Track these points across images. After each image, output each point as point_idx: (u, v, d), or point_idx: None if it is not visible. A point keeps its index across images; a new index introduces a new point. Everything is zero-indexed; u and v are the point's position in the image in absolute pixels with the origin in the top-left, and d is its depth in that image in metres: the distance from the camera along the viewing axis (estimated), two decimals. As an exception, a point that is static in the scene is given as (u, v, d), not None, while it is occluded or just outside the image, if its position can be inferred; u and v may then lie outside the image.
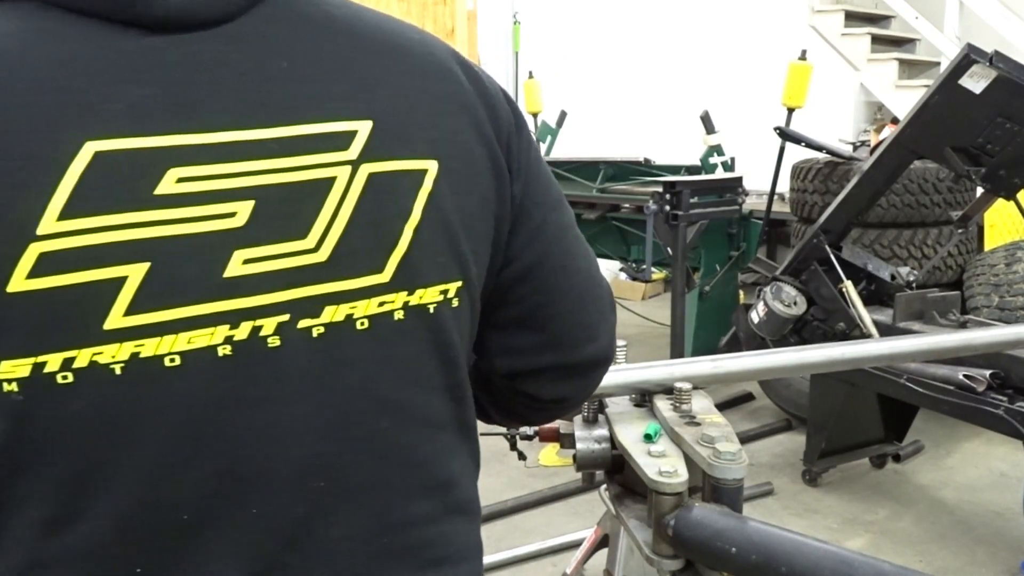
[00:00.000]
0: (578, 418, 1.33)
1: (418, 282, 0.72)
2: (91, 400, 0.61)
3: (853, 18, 6.41)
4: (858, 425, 3.62)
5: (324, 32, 0.72)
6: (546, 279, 0.85)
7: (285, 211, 0.66)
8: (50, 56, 0.62)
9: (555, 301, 0.85)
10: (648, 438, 1.21)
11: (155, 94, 0.63)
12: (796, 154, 4.52)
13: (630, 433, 1.24)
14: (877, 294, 3.51)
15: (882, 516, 3.39)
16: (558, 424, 1.36)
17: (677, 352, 4.06)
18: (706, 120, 5.21)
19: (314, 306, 0.67)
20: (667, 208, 4.03)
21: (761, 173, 4.94)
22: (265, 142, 0.66)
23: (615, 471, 1.29)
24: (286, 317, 0.66)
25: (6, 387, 0.59)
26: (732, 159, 5.36)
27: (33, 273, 0.59)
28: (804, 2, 6.39)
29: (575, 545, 2.87)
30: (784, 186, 4.71)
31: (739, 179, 4.50)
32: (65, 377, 0.60)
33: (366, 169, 0.69)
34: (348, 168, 0.69)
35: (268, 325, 0.66)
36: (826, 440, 3.54)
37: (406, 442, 0.73)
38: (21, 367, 0.59)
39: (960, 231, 3.54)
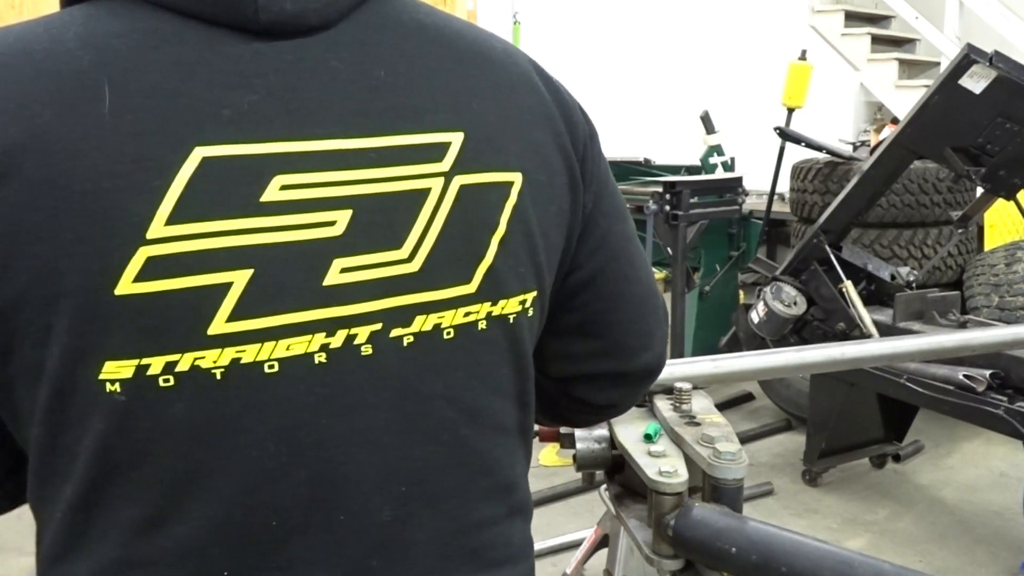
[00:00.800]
0: (578, 418, 1.33)
1: (501, 293, 0.73)
2: (191, 404, 0.62)
3: (853, 18, 6.41)
4: (858, 425, 3.62)
5: (417, 41, 0.72)
6: (609, 287, 0.85)
7: (381, 221, 0.66)
8: (161, 59, 0.62)
9: (616, 309, 0.86)
10: (648, 438, 1.21)
11: (263, 100, 0.63)
12: (796, 154, 4.52)
13: (630, 433, 1.24)
14: (877, 294, 3.51)
15: (882, 516, 3.39)
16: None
17: (677, 352, 4.06)
18: (706, 120, 5.22)
19: (405, 315, 0.68)
20: (667, 208, 4.03)
21: (761, 173, 4.94)
22: (365, 151, 0.66)
23: (615, 471, 1.29)
24: (379, 326, 0.67)
25: (108, 387, 0.60)
26: (732, 159, 5.36)
27: (140, 277, 0.59)
28: (804, 2, 6.40)
29: (575, 545, 2.87)
30: (784, 186, 4.71)
31: (739, 179, 4.50)
32: (167, 380, 0.61)
33: (458, 181, 0.70)
34: (441, 180, 0.69)
35: (362, 333, 0.66)
36: (826, 440, 3.54)
37: (481, 448, 0.75)
38: (124, 368, 0.60)
39: (960, 231, 3.55)
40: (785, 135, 4.43)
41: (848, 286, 3.33)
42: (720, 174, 5.12)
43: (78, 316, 0.59)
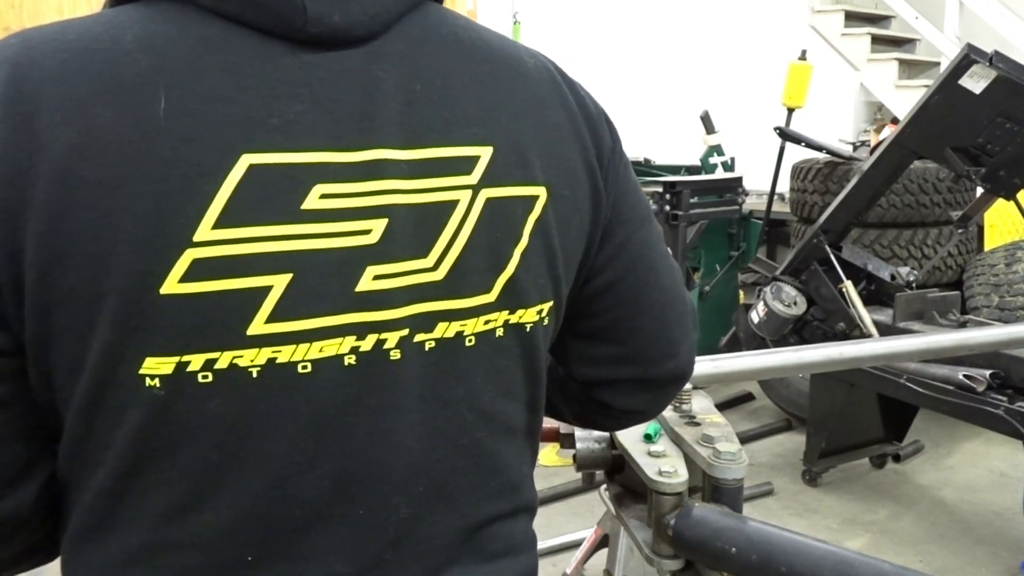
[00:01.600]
0: (578, 418, 1.33)
1: (520, 303, 0.75)
2: (227, 400, 0.64)
3: (853, 18, 6.41)
4: (858, 425, 3.62)
5: (454, 54, 0.73)
6: (628, 294, 0.86)
7: (412, 231, 0.68)
8: (215, 66, 0.63)
9: (637, 315, 0.87)
10: (648, 438, 1.21)
11: (309, 110, 0.65)
12: (796, 154, 4.52)
13: (630, 433, 1.24)
14: (877, 294, 3.51)
15: (882, 516, 3.39)
16: (558, 424, 1.36)
17: (677, 352, 4.05)
18: (706, 120, 5.22)
19: (429, 322, 0.70)
20: (667, 208, 4.04)
21: (761, 173, 4.94)
22: (401, 163, 0.68)
23: (615, 471, 1.29)
24: (406, 331, 0.69)
25: (148, 382, 0.62)
26: (732, 159, 5.36)
27: (185, 277, 0.61)
28: (804, 2, 6.39)
29: (575, 545, 2.87)
30: (784, 186, 4.71)
31: (739, 179, 4.50)
32: (205, 377, 0.63)
33: (485, 194, 0.71)
34: (469, 192, 0.71)
35: (391, 338, 0.68)
36: (826, 440, 3.54)
37: (493, 449, 0.77)
38: (165, 365, 0.62)
39: (960, 231, 3.54)
40: (785, 135, 4.43)
41: (848, 286, 3.33)
42: (720, 174, 5.12)
43: (122, 313, 0.61)
